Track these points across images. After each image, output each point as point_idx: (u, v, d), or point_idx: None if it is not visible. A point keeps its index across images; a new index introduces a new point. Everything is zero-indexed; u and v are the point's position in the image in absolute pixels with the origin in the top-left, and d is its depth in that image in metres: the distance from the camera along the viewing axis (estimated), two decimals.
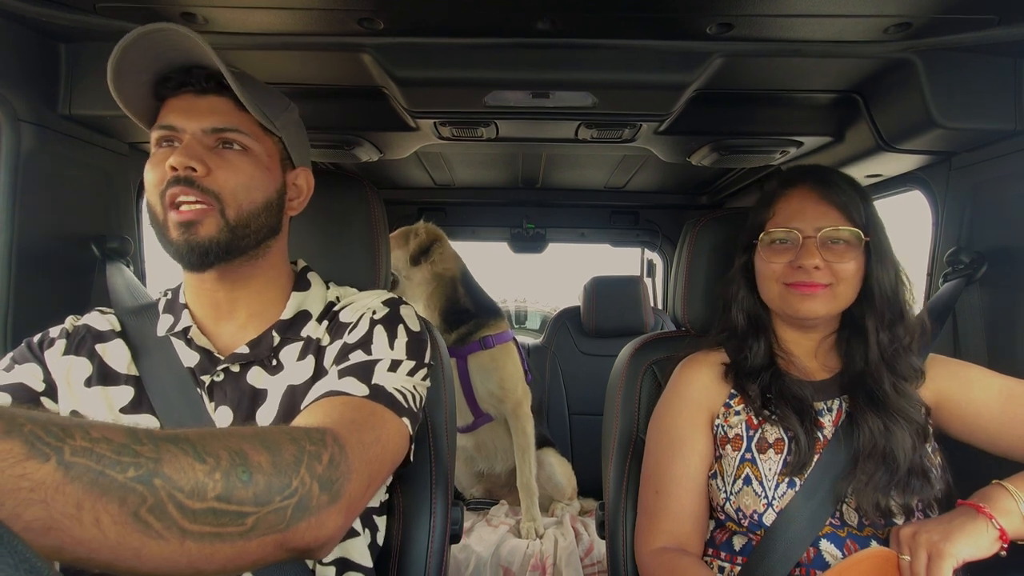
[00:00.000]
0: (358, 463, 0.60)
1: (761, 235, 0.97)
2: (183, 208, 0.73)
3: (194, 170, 0.73)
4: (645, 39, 1.02)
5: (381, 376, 0.75)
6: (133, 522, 0.42)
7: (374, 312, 0.84)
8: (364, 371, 0.74)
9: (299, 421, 0.67)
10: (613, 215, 2.53)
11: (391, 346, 0.79)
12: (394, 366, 0.77)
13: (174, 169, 0.73)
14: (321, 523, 0.53)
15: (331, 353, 0.81)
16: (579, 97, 1.14)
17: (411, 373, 0.78)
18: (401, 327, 0.82)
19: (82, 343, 0.82)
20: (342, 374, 0.74)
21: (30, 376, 0.77)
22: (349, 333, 0.82)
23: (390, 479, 0.95)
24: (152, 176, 0.75)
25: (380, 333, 0.80)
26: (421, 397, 0.80)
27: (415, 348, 0.82)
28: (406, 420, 0.74)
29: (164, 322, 0.84)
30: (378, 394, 0.72)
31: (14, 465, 0.37)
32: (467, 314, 1.89)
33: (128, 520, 0.42)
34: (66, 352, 0.80)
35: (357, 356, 0.77)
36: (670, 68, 1.05)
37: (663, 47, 1.03)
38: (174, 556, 0.44)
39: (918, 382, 0.92)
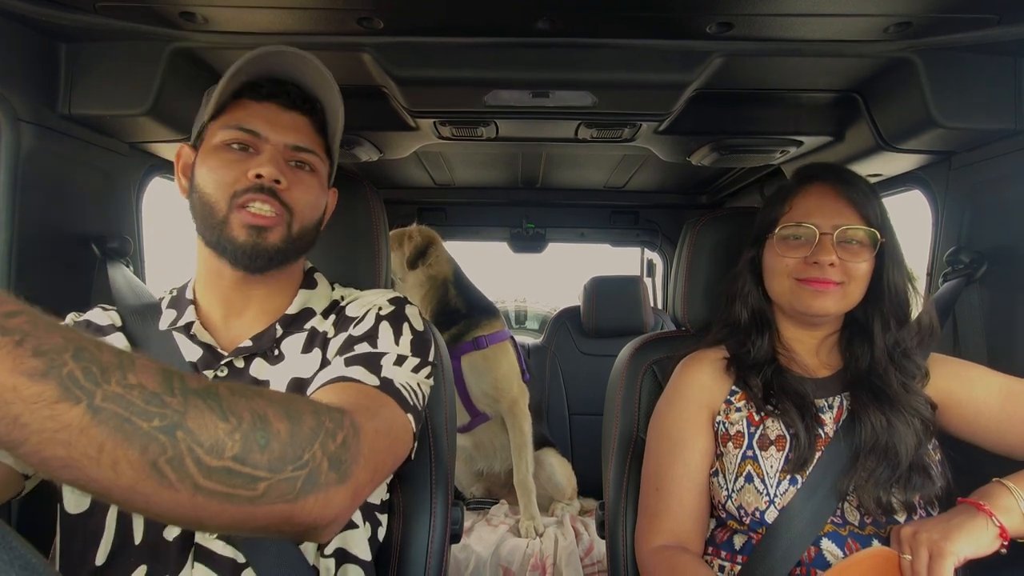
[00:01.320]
0: (367, 450, 0.60)
1: (776, 229, 0.96)
2: (257, 212, 0.75)
3: (278, 182, 0.75)
4: (645, 39, 1.02)
5: (389, 369, 0.75)
6: (150, 470, 0.42)
7: (380, 308, 0.84)
8: (372, 362, 0.75)
9: (319, 397, 0.68)
10: (613, 215, 2.53)
11: (396, 342, 0.80)
12: (400, 360, 0.77)
13: (259, 177, 0.74)
14: (329, 500, 0.53)
15: (335, 344, 0.82)
16: (579, 97, 1.14)
17: (415, 370, 0.79)
18: (406, 324, 0.83)
19: None
20: (349, 363, 0.74)
21: None
22: (355, 327, 0.82)
23: (390, 477, 0.95)
24: (223, 174, 0.76)
25: (386, 328, 0.81)
26: (424, 395, 0.81)
27: (419, 346, 0.82)
28: (411, 416, 0.74)
29: (167, 317, 0.84)
30: (388, 387, 0.72)
31: (44, 408, 0.38)
32: (458, 315, 1.89)
33: (145, 468, 0.42)
34: None
35: (362, 348, 0.77)
36: (670, 68, 1.05)
37: (663, 47, 1.03)
38: (183, 508, 0.45)
39: (923, 380, 0.93)
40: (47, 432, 0.38)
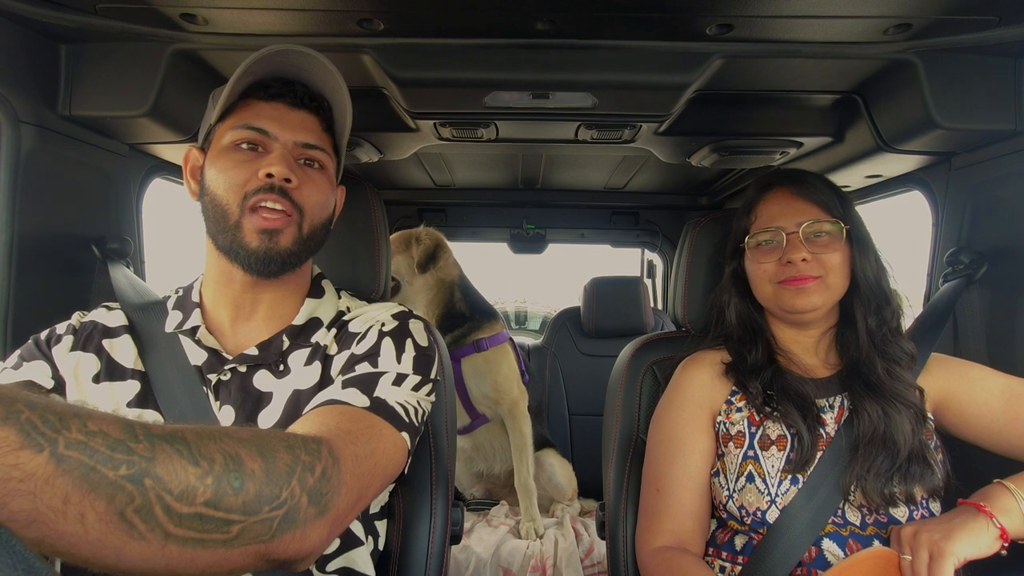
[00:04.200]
0: (350, 477, 0.59)
1: (747, 239, 0.99)
2: (267, 215, 0.74)
3: (289, 181, 0.74)
4: (645, 40, 1.02)
5: (384, 389, 0.74)
6: (118, 521, 0.41)
7: (383, 324, 0.83)
8: (367, 383, 0.74)
9: (297, 427, 0.67)
10: (613, 216, 2.53)
11: (398, 360, 0.79)
12: (399, 380, 0.76)
13: (269, 176, 0.74)
14: (306, 536, 0.52)
15: (338, 362, 0.81)
16: (579, 98, 1.14)
17: (416, 388, 0.78)
18: (409, 341, 0.82)
19: (89, 339, 0.82)
20: (346, 384, 0.74)
21: (38, 373, 0.77)
22: (357, 344, 0.81)
23: (392, 484, 0.95)
24: (234, 175, 0.75)
25: (388, 346, 0.80)
26: (424, 412, 0.80)
27: (422, 363, 0.81)
28: (405, 435, 0.73)
29: (173, 319, 0.84)
30: (379, 407, 0.72)
31: (7, 454, 0.37)
32: (462, 318, 1.89)
33: (113, 519, 0.41)
34: (73, 348, 0.80)
35: (363, 368, 0.77)
36: (670, 69, 1.06)
37: (663, 48, 1.03)
38: (154, 558, 0.44)
39: (911, 366, 0.94)
40: (11, 482, 0.37)
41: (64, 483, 0.39)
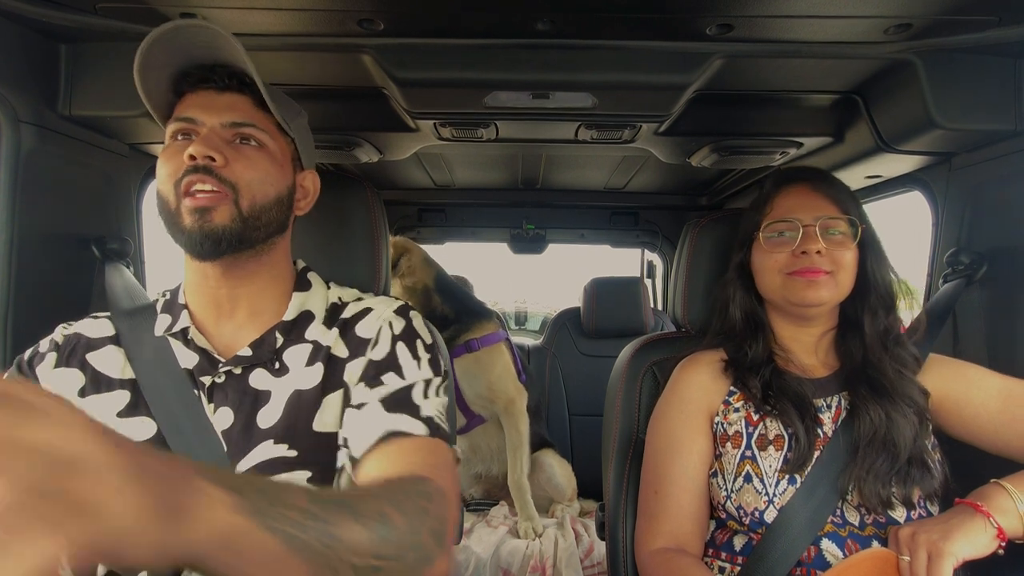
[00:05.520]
0: (453, 510, 0.64)
1: (761, 228, 0.99)
2: (198, 195, 0.74)
3: (212, 160, 0.74)
4: (645, 40, 1.02)
5: (425, 406, 0.77)
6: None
7: (391, 325, 0.84)
8: (408, 404, 0.76)
9: (390, 468, 0.70)
10: (613, 216, 2.53)
11: (418, 365, 0.81)
12: (426, 389, 0.79)
13: (192, 158, 0.74)
14: (435, 571, 0.58)
15: (354, 370, 0.80)
16: (579, 98, 1.14)
17: (438, 392, 0.81)
18: (419, 341, 0.84)
19: (73, 354, 0.81)
20: (390, 408, 0.75)
21: None
22: (372, 350, 0.81)
23: None
24: (167, 167, 0.76)
25: (403, 351, 0.81)
26: (447, 407, 0.83)
27: (435, 361, 0.83)
28: (456, 448, 0.78)
29: (162, 322, 0.83)
30: (435, 430, 0.75)
31: (247, 534, 0.42)
32: (447, 321, 1.87)
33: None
34: (57, 365, 0.80)
35: (391, 380, 0.78)
36: (670, 69, 1.06)
37: (663, 48, 1.03)
38: None
39: (916, 370, 0.94)
40: (255, 563, 0.43)
41: (297, 562, 0.46)
